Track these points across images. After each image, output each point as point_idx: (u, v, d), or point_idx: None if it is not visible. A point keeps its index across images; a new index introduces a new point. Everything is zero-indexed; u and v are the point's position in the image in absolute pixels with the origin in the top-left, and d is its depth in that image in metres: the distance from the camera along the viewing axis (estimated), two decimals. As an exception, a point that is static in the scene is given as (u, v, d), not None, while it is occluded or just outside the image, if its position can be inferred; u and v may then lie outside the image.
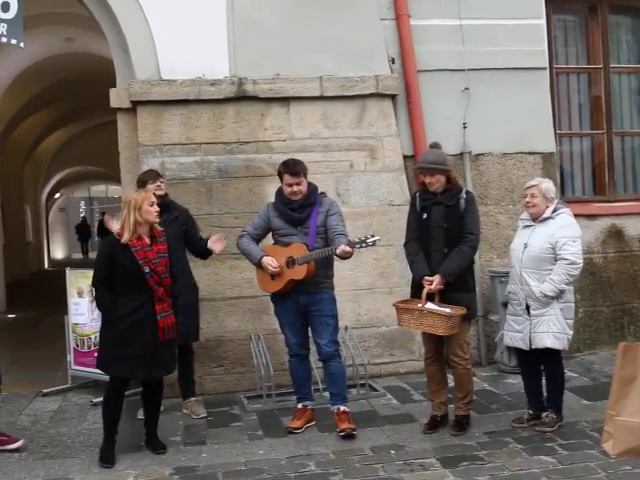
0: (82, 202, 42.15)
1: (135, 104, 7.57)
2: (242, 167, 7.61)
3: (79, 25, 10.42)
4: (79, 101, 17.15)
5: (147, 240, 5.50)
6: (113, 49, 7.84)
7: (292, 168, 5.88)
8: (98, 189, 41.22)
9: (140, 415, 6.42)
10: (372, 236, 5.70)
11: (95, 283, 5.61)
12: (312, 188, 5.97)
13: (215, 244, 6.42)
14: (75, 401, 7.32)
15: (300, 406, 6.14)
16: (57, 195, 32.82)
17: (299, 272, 5.75)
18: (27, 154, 21.75)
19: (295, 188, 5.84)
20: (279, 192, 6.03)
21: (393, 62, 8.00)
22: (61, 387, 7.71)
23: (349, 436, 5.71)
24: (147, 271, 5.39)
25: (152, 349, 5.43)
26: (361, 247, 5.69)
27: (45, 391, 7.58)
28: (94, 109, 15.63)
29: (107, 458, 5.49)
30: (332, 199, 6.13)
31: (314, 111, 7.76)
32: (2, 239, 15.75)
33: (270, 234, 6.10)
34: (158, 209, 5.55)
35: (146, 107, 7.56)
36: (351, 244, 5.60)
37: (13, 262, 17.56)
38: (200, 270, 7.08)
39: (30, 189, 24.23)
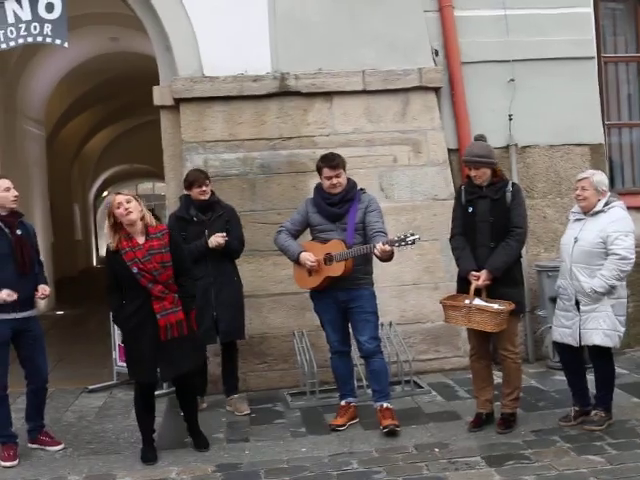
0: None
1: (178, 101, 7.57)
2: (285, 163, 7.57)
3: (123, 24, 10.50)
4: (125, 100, 17.33)
5: (139, 239, 5.41)
6: (156, 47, 7.86)
7: (331, 161, 5.83)
8: (145, 187, 41.51)
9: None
10: (412, 234, 5.55)
11: (106, 288, 5.60)
12: (351, 184, 5.92)
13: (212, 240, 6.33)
14: (120, 397, 7.36)
15: (343, 403, 6.09)
16: (105, 193, 33.17)
17: (337, 269, 5.68)
18: (75, 153, 22.05)
19: (334, 181, 5.79)
20: (318, 188, 5.99)
21: (437, 54, 7.89)
22: (107, 383, 7.77)
23: (392, 433, 5.64)
24: (135, 271, 5.31)
25: (155, 350, 5.35)
26: (400, 246, 5.54)
27: (91, 387, 7.66)
28: (140, 107, 15.72)
29: (146, 456, 5.51)
30: (371, 195, 6.03)
31: (357, 105, 7.69)
32: (51, 237, 15.97)
33: (309, 230, 6.05)
34: (127, 207, 5.34)
35: (189, 104, 7.56)
36: (390, 242, 5.50)
37: (62, 259, 17.78)
38: (244, 267, 7.06)
39: (78, 188, 24.55)
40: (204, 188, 6.45)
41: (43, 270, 5.99)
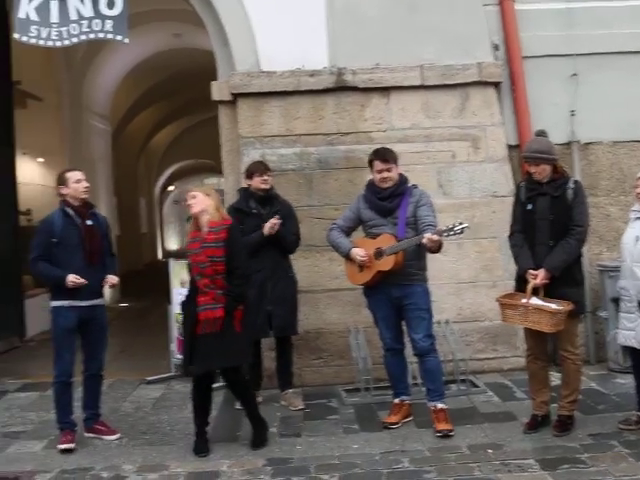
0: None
1: (236, 96, 7.61)
2: (342, 158, 7.55)
3: (186, 20, 10.60)
4: (189, 95, 17.55)
5: (204, 232, 5.52)
6: (214, 42, 7.92)
7: (382, 155, 5.82)
8: (212, 181, 41.90)
9: (238, 405, 6.48)
10: (460, 223, 5.46)
11: None
12: (403, 179, 5.88)
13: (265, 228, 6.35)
14: (177, 389, 7.43)
15: (397, 401, 6.04)
16: (171, 187, 33.63)
17: (387, 263, 5.63)
18: (141, 148, 22.41)
19: (385, 174, 5.75)
20: (369, 183, 5.96)
21: (497, 49, 7.75)
22: (164, 375, 7.86)
23: (446, 437, 5.57)
24: (189, 262, 5.51)
25: (191, 343, 5.42)
26: (449, 235, 5.46)
27: (149, 379, 7.76)
28: (203, 103, 15.86)
29: (198, 448, 5.55)
30: (423, 190, 5.94)
31: (415, 101, 7.61)
32: (118, 230, 16.26)
33: (361, 227, 6.02)
34: (194, 202, 5.52)
35: (246, 99, 7.59)
36: (439, 232, 5.42)
37: (128, 253, 18.08)
38: (299, 262, 7.06)
39: (144, 182, 24.96)
40: (265, 177, 6.50)
41: (115, 261, 6.14)
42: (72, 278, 5.61)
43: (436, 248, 5.53)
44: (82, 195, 5.84)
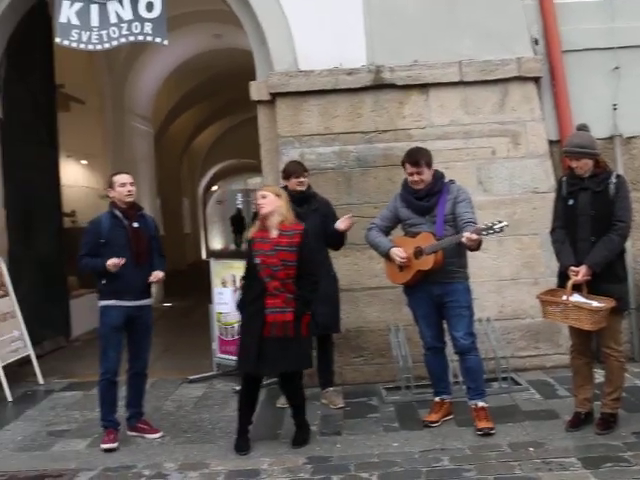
0: (239, 194, 43.12)
1: (274, 96, 7.63)
2: (381, 156, 7.53)
3: (226, 21, 10.61)
4: (230, 96, 17.61)
5: (272, 233, 5.53)
6: (252, 42, 7.95)
7: (411, 157, 5.77)
8: (255, 181, 42.01)
9: (279, 404, 6.51)
10: (499, 222, 5.40)
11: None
12: (438, 176, 5.82)
13: (341, 222, 6.38)
14: (219, 388, 7.51)
15: (437, 400, 6.01)
16: (214, 188, 33.83)
17: (427, 262, 5.60)
18: (183, 149, 22.57)
19: (416, 177, 5.72)
20: (405, 182, 5.91)
21: (536, 43, 7.66)
22: (206, 374, 7.93)
23: (487, 435, 5.53)
24: (258, 262, 5.45)
25: (258, 344, 5.41)
26: (488, 234, 5.40)
27: (191, 378, 7.83)
28: (245, 103, 15.95)
29: (239, 446, 5.58)
30: (460, 185, 5.89)
31: (454, 97, 7.56)
32: (161, 231, 16.38)
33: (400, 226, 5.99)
34: (261, 202, 5.55)
35: (285, 99, 7.61)
36: (478, 231, 5.36)
37: (171, 253, 18.17)
38: (340, 260, 7.07)
39: (187, 182, 25.14)
40: (301, 179, 6.51)
41: (163, 262, 6.20)
42: (112, 261, 5.70)
43: (476, 246, 5.47)
44: (126, 199, 5.95)
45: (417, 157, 5.74)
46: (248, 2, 7.67)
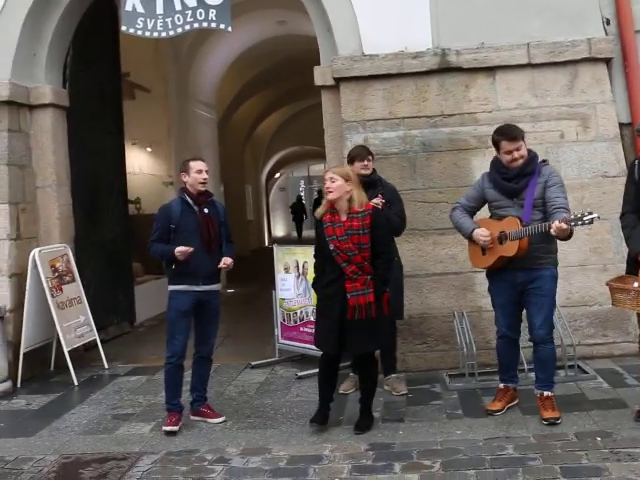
0: (302, 181, 43.16)
1: (338, 81, 7.57)
2: (446, 140, 7.42)
3: (290, 7, 10.60)
4: (294, 82, 17.60)
5: (342, 216, 5.48)
6: (317, 28, 7.91)
7: (509, 133, 5.52)
8: (317, 168, 41.98)
9: (342, 390, 6.49)
10: (590, 213, 5.11)
11: (314, 255, 5.80)
12: (531, 156, 5.56)
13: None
14: (281, 374, 7.51)
15: (502, 386, 5.89)
16: (277, 175, 33.94)
17: (510, 248, 5.40)
18: (247, 136, 22.68)
19: (516, 154, 5.46)
20: (494, 162, 5.68)
21: (608, 23, 7.43)
22: (269, 360, 7.95)
23: (552, 425, 5.39)
24: (332, 248, 5.40)
25: (339, 326, 5.41)
26: (576, 225, 5.14)
27: (254, 363, 7.86)
28: (309, 89, 15.97)
29: (316, 417, 5.67)
30: (553, 168, 5.65)
31: (521, 80, 7.39)
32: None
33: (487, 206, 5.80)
34: (329, 186, 5.47)
35: (349, 83, 7.54)
36: (566, 221, 5.10)
37: (234, 239, 18.32)
38: (403, 246, 6.99)
39: (251, 169, 25.27)
40: (366, 162, 6.43)
41: (231, 247, 6.25)
42: (180, 249, 5.74)
43: (565, 236, 5.25)
44: (200, 187, 5.99)
45: (515, 133, 5.51)
46: (312, -14, 7.63)
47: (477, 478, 4.60)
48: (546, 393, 5.59)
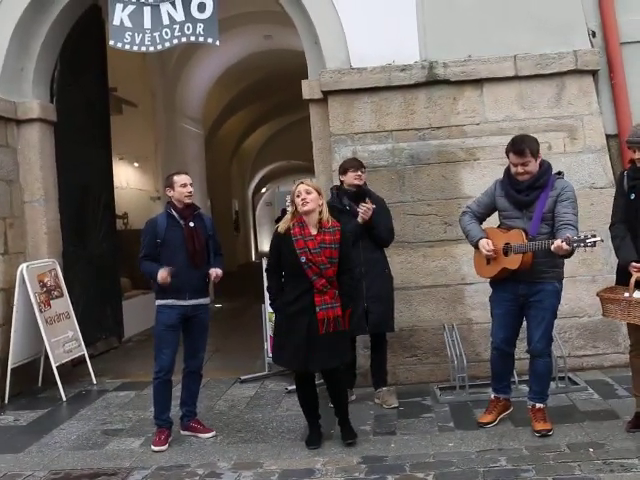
0: (288, 196, 42.87)
1: (326, 94, 7.58)
2: (434, 153, 7.43)
3: (277, 22, 10.67)
4: (280, 97, 17.65)
5: (312, 230, 5.46)
6: (304, 41, 7.93)
7: (516, 146, 5.43)
8: (304, 183, 41.95)
9: (331, 404, 6.45)
10: (593, 236, 5.11)
11: (265, 270, 5.77)
12: (545, 169, 5.49)
13: (359, 216, 6.30)
14: (271, 388, 7.48)
15: (493, 397, 5.88)
16: (264, 190, 33.93)
17: (514, 262, 5.38)
18: (233, 150, 22.69)
19: (520, 169, 5.40)
20: (507, 169, 5.62)
21: (594, 35, 7.49)
22: (258, 374, 7.91)
23: (544, 436, 5.39)
24: (303, 261, 5.35)
25: (308, 341, 5.36)
26: (579, 247, 5.14)
27: (243, 378, 7.82)
28: (295, 104, 15.98)
29: (310, 440, 5.63)
30: (567, 182, 5.57)
31: (509, 92, 7.42)
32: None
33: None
34: (305, 197, 5.42)
35: (337, 96, 7.55)
36: (569, 241, 5.09)
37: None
38: (393, 259, 7.00)
39: (237, 184, 25.26)
40: (359, 173, 6.50)
41: (220, 260, 6.19)
42: (161, 274, 5.72)
43: (567, 255, 5.26)
44: (185, 200, 5.97)
45: (522, 146, 5.39)
46: (300, 1, 7.63)
47: (471, 490, 4.59)
48: (538, 405, 5.58)
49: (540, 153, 5.51)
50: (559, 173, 5.58)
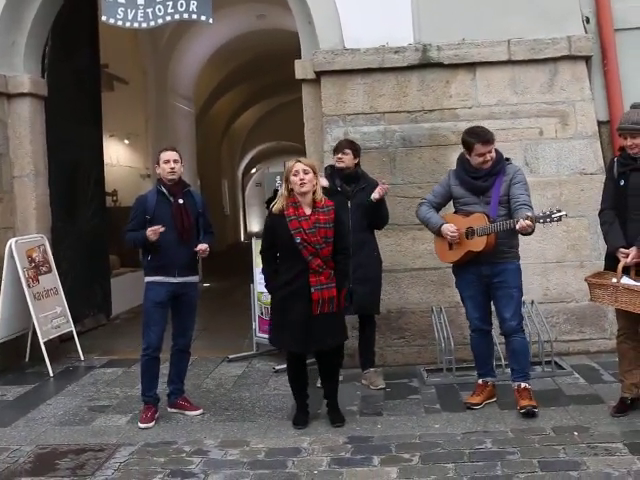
0: (278, 177, 42.93)
1: (319, 75, 7.56)
2: (426, 136, 7.43)
3: (270, 1, 10.61)
4: (272, 78, 17.58)
5: (306, 210, 5.43)
6: (298, 21, 7.89)
7: (484, 137, 5.57)
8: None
9: (319, 384, 6.47)
10: (558, 211, 5.27)
11: (260, 252, 5.73)
12: (500, 155, 5.68)
13: (375, 192, 6.30)
14: (259, 367, 7.51)
15: (480, 382, 5.94)
16: (253, 170, 33.85)
17: (478, 244, 5.50)
18: (224, 130, 22.60)
19: (488, 157, 5.56)
20: (462, 159, 5.77)
21: (587, 21, 7.50)
22: (246, 353, 7.94)
23: (530, 414, 5.45)
24: (298, 241, 5.32)
25: (304, 322, 5.36)
26: (545, 222, 5.28)
27: (231, 357, 7.84)
28: (286, 85, 15.93)
29: (297, 419, 5.64)
30: (517, 166, 5.79)
31: (502, 76, 7.42)
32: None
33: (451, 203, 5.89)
34: (303, 178, 5.38)
35: (330, 77, 7.54)
36: (532, 218, 5.22)
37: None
38: (382, 241, 7.00)
39: (227, 164, 25.19)
40: (340, 155, 6.47)
41: (210, 237, 6.16)
42: (151, 229, 5.70)
43: (528, 233, 5.39)
44: (168, 176, 5.93)
45: (489, 136, 5.58)
46: (294, -20, 7.61)
47: (456, 471, 4.61)
48: (523, 385, 5.64)
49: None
50: (507, 159, 5.74)
